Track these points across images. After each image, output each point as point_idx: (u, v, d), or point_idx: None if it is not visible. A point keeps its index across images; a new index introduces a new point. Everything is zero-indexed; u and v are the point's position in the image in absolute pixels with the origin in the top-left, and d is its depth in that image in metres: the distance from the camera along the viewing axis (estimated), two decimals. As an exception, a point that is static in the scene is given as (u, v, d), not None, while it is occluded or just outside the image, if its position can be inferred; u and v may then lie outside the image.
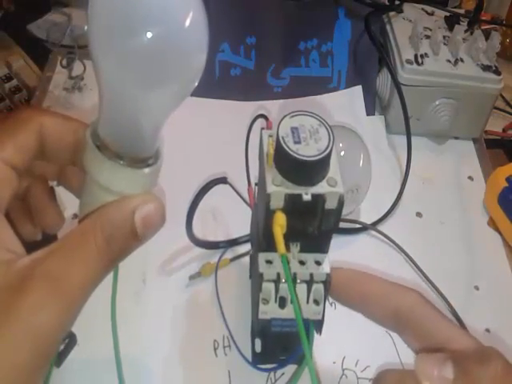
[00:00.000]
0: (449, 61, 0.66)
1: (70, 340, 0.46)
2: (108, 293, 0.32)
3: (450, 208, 0.64)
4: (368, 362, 0.49)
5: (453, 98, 0.66)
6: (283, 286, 0.35)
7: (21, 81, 0.69)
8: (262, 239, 0.35)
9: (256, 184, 0.38)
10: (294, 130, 0.32)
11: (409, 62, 0.65)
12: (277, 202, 0.32)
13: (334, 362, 0.49)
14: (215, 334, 0.49)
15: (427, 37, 0.68)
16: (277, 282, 0.35)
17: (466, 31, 0.70)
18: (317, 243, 0.35)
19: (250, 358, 0.46)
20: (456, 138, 0.72)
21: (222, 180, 0.51)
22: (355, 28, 0.73)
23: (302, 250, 0.35)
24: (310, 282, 0.35)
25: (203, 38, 0.26)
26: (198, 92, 0.28)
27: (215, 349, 0.49)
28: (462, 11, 0.74)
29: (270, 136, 0.33)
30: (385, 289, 0.33)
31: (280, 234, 0.31)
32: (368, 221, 0.59)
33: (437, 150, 0.70)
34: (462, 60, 0.66)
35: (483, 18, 0.74)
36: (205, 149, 0.64)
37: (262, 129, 0.36)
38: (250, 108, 0.69)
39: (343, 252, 0.56)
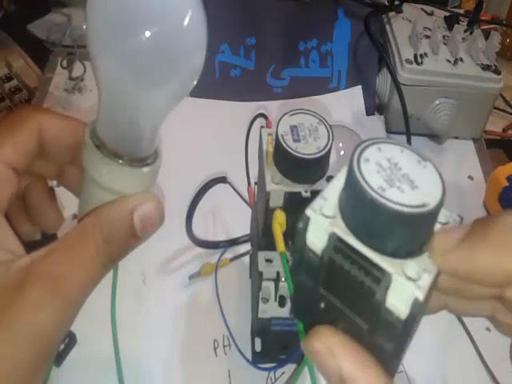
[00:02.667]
0: (448, 60, 0.66)
1: (70, 340, 0.46)
2: (108, 292, 0.31)
3: (450, 208, 0.64)
4: (368, 361, 0.49)
5: (453, 97, 0.66)
6: (283, 285, 0.35)
7: (21, 81, 0.69)
8: (261, 237, 0.35)
9: (256, 183, 0.38)
10: (294, 129, 0.32)
11: (408, 61, 0.65)
12: (276, 200, 0.32)
13: (334, 362, 0.49)
14: (215, 333, 0.49)
15: (427, 37, 0.68)
16: (276, 280, 0.35)
17: (465, 31, 0.70)
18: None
19: (249, 357, 0.46)
20: (456, 137, 0.71)
21: (222, 179, 0.51)
22: (355, 28, 0.73)
23: (302, 249, 0.35)
24: (309, 281, 0.35)
25: (202, 38, 0.26)
26: (198, 92, 0.28)
27: (215, 348, 0.49)
28: (461, 11, 0.74)
29: (270, 134, 0.34)
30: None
31: (279, 232, 0.31)
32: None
33: (437, 149, 0.70)
34: (461, 60, 0.66)
35: (483, 18, 0.74)
36: (205, 149, 0.64)
37: (262, 127, 0.36)
38: (250, 108, 0.69)
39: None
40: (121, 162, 0.28)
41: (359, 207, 0.20)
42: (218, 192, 0.51)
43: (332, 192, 0.21)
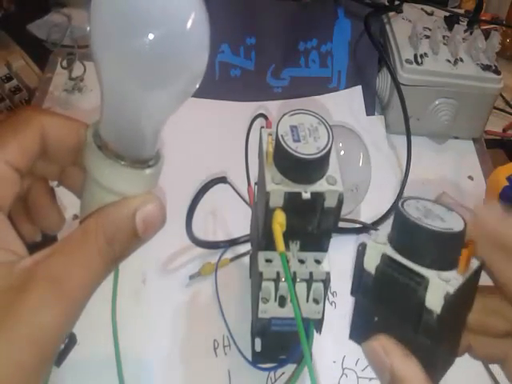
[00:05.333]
0: (448, 60, 0.66)
1: (70, 339, 0.46)
2: (108, 293, 0.32)
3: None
4: (368, 361, 0.49)
5: (453, 97, 0.66)
6: (283, 285, 0.35)
7: (21, 81, 0.69)
8: (261, 238, 0.35)
9: (256, 183, 0.38)
10: (294, 129, 0.32)
11: (408, 61, 0.65)
12: (276, 200, 0.32)
13: (334, 362, 0.49)
14: (215, 333, 0.49)
15: (427, 37, 0.68)
16: (276, 280, 0.35)
17: (465, 31, 0.70)
18: (316, 242, 0.35)
19: (249, 357, 0.46)
20: (456, 137, 0.71)
21: (222, 180, 0.51)
22: (355, 28, 0.73)
23: (302, 249, 0.35)
24: (309, 281, 0.35)
25: (205, 40, 0.27)
26: (198, 93, 0.28)
27: (215, 348, 0.49)
28: (461, 11, 0.74)
29: (270, 134, 0.34)
30: None
31: (279, 232, 0.31)
32: (368, 221, 0.59)
33: (437, 149, 0.70)
34: (461, 60, 0.66)
35: (483, 18, 0.74)
36: (205, 149, 0.64)
37: (262, 127, 0.36)
38: (250, 108, 0.69)
39: (343, 252, 0.56)
40: (123, 163, 0.28)
41: (403, 231, 0.26)
42: (218, 192, 0.51)
43: (382, 232, 0.28)
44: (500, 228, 0.28)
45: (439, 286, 0.25)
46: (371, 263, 0.27)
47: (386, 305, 0.27)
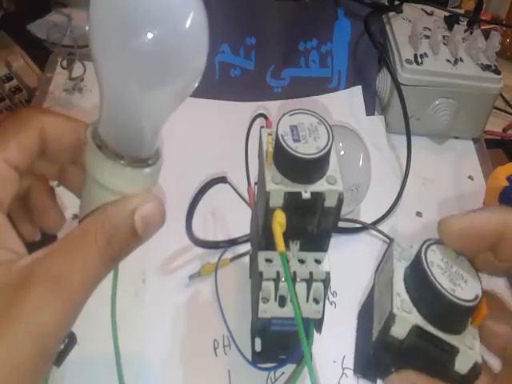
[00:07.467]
0: (448, 60, 0.66)
1: (70, 339, 0.46)
2: (108, 293, 0.32)
3: (450, 208, 0.64)
4: (368, 361, 0.49)
5: (453, 97, 0.66)
6: (283, 285, 0.35)
7: (21, 81, 0.69)
8: (261, 238, 0.35)
9: (256, 183, 0.38)
10: (294, 128, 0.32)
11: (408, 61, 0.65)
12: (276, 200, 0.32)
13: (334, 361, 0.49)
14: (215, 333, 0.49)
15: (427, 37, 0.68)
16: (276, 280, 0.35)
17: (465, 31, 0.70)
18: (316, 242, 0.35)
19: (249, 357, 0.46)
20: (456, 137, 0.71)
21: (222, 179, 0.51)
22: (355, 28, 0.73)
23: (302, 249, 0.35)
24: (309, 281, 0.35)
25: (204, 39, 0.27)
26: (198, 93, 0.28)
27: (215, 348, 0.49)
28: (461, 11, 0.74)
29: (270, 134, 0.34)
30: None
31: (279, 232, 0.31)
32: (368, 220, 0.59)
33: (437, 149, 0.70)
34: (461, 60, 0.66)
35: (483, 18, 0.74)
36: (205, 149, 0.64)
37: (262, 127, 0.36)
38: (250, 108, 0.69)
39: (343, 251, 0.56)
40: (122, 162, 0.28)
41: (438, 306, 0.27)
42: (218, 192, 0.51)
43: (399, 287, 0.28)
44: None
45: (469, 355, 0.27)
46: (399, 330, 0.27)
47: (406, 363, 0.28)
